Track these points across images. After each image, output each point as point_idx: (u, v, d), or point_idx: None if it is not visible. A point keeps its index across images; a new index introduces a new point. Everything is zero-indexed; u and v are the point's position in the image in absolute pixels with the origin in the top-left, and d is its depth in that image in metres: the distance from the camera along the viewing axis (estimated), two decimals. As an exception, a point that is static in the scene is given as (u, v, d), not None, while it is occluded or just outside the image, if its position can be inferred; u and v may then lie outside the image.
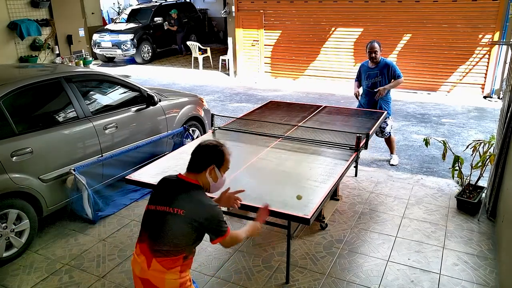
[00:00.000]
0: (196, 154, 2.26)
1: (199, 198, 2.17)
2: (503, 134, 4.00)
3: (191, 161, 2.26)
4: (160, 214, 2.15)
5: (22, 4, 11.00)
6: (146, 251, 2.15)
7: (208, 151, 2.25)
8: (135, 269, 2.21)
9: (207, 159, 2.24)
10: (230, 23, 11.60)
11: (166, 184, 2.27)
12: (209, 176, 2.25)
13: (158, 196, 2.23)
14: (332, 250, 3.73)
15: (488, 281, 3.31)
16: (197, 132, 5.72)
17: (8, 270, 3.54)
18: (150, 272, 2.13)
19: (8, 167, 3.52)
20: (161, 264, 2.11)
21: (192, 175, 2.24)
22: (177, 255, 2.13)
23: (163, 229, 2.12)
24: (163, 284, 2.13)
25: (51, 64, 10.00)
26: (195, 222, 2.11)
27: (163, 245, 2.11)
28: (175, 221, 2.11)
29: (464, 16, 8.98)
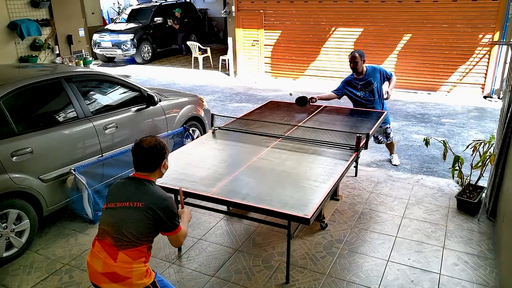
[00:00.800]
0: (145, 156, 2.39)
1: (155, 191, 2.36)
2: (503, 134, 4.00)
3: (141, 162, 2.40)
4: (121, 210, 2.30)
5: (22, 4, 11.01)
6: (109, 247, 2.26)
7: (155, 150, 2.40)
8: (96, 267, 2.29)
9: (158, 158, 2.41)
10: (230, 23, 11.60)
11: (122, 184, 2.44)
12: (163, 169, 2.47)
13: (115, 195, 2.39)
14: (332, 250, 3.73)
15: (488, 281, 3.31)
16: (197, 132, 5.72)
17: (8, 270, 3.54)
18: (117, 264, 2.24)
19: (8, 167, 3.52)
20: (128, 255, 2.25)
21: (145, 173, 2.41)
22: (142, 245, 2.29)
23: (126, 222, 2.26)
24: (131, 273, 2.25)
25: (51, 64, 10.00)
26: (152, 212, 2.28)
27: (127, 237, 2.25)
28: (136, 214, 2.27)
29: (464, 16, 8.98)
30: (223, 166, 3.72)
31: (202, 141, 4.42)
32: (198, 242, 3.90)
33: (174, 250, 3.77)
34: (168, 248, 3.81)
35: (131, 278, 2.25)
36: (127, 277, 2.25)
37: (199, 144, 4.31)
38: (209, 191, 3.17)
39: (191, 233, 4.03)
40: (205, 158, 3.89)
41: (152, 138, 2.45)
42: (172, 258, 3.67)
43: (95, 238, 2.36)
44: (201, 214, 4.35)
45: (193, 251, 3.77)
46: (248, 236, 3.98)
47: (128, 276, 2.25)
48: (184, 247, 3.81)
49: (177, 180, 3.37)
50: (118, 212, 2.30)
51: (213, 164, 3.73)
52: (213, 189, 3.20)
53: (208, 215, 4.32)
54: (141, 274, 2.29)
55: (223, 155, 4.04)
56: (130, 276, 2.25)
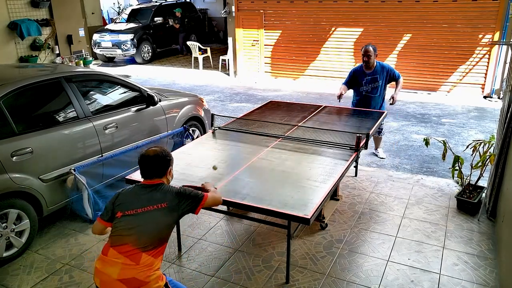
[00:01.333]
0: (152, 164, 2.50)
1: (171, 189, 2.50)
2: (503, 134, 4.00)
3: (149, 170, 2.51)
4: (145, 215, 2.37)
5: (22, 4, 11.00)
6: (130, 251, 2.29)
7: (161, 158, 2.52)
8: (110, 273, 2.28)
9: (165, 166, 2.54)
10: (230, 23, 11.60)
11: (134, 191, 2.50)
12: (169, 176, 2.60)
13: (131, 202, 2.43)
14: (332, 250, 3.73)
15: (488, 281, 3.31)
16: (197, 132, 5.72)
17: (8, 270, 3.54)
18: (139, 267, 2.27)
19: (8, 167, 3.52)
20: (152, 256, 2.32)
21: (155, 179, 2.52)
22: (163, 244, 2.41)
23: (151, 225, 2.35)
24: (149, 277, 2.29)
25: (51, 64, 9.99)
26: (177, 206, 2.42)
27: (151, 239, 2.33)
28: (162, 214, 2.38)
29: (464, 16, 8.98)
30: (223, 166, 3.72)
31: (202, 141, 4.42)
32: (198, 242, 3.90)
33: (174, 250, 3.77)
34: (168, 248, 3.81)
35: (149, 283, 2.29)
36: (146, 281, 2.27)
37: (199, 144, 4.31)
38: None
39: (191, 233, 4.03)
40: (205, 158, 3.89)
41: (157, 147, 2.58)
42: (172, 258, 3.67)
43: (107, 246, 2.36)
44: (201, 214, 4.33)
45: (193, 251, 3.77)
46: (248, 236, 3.98)
47: (147, 281, 2.28)
48: (184, 247, 3.81)
49: (177, 180, 3.37)
50: (141, 217, 2.36)
51: (213, 164, 3.72)
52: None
53: (208, 215, 4.32)
54: (158, 278, 2.34)
55: (223, 155, 4.04)
56: (149, 281, 2.28)
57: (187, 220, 4.26)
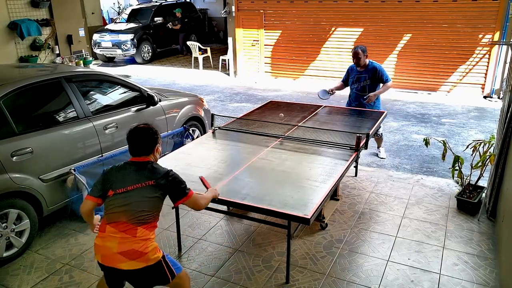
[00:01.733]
0: (139, 140, 2.57)
1: (158, 167, 2.58)
2: (503, 134, 4.00)
3: (137, 147, 2.58)
4: (134, 192, 2.47)
5: (22, 4, 11.00)
6: (126, 226, 2.42)
7: (149, 134, 2.59)
8: (110, 247, 2.41)
9: (152, 143, 2.60)
10: (230, 23, 11.60)
11: (122, 169, 2.57)
12: (156, 153, 2.66)
13: (121, 181, 2.51)
14: (332, 250, 3.73)
15: (488, 281, 3.31)
16: (197, 132, 5.72)
17: (8, 270, 3.54)
18: (136, 240, 2.41)
19: (8, 167, 3.53)
20: (146, 229, 2.46)
21: (142, 157, 2.59)
22: (155, 219, 2.54)
23: (142, 201, 2.46)
24: (147, 248, 2.44)
25: (51, 64, 9.99)
26: (164, 186, 2.51)
27: (144, 214, 2.45)
28: (150, 191, 2.48)
29: (464, 16, 8.98)
30: (223, 166, 3.72)
31: (202, 141, 4.42)
32: (198, 242, 3.90)
33: (174, 250, 3.77)
34: (168, 248, 3.81)
35: (147, 254, 2.42)
36: (144, 252, 2.41)
37: (199, 144, 4.32)
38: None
39: (191, 233, 4.03)
40: (205, 158, 3.89)
41: (145, 124, 2.65)
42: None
43: (103, 223, 2.48)
44: (201, 214, 4.35)
45: (193, 251, 3.77)
46: (248, 236, 3.98)
47: (145, 251, 2.42)
48: (184, 247, 3.81)
49: (177, 180, 3.37)
50: (131, 194, 2.46)
51: (213, 164, 3.73)
52: (213, 189, 3.20)
53: (208, 215, 4.32)
54: (155, 249, 2.48)
55: (223, 155, 4.04)
56: (147, 252, 2.42)
57: (187, 220, 4.26)
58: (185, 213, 4.36)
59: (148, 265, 2.44)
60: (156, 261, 2.47)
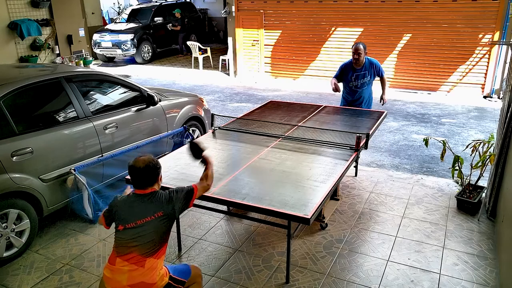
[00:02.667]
0: (142, 175, 2.55)
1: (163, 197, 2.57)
2: (503, 134, 4.00)
3: (140, 181, 2.56)
4: (143, 226, 2.48)
5: (22, 4, 11.01)
6: (135, 259, 2.44)
7: (151, 169, 2.57)
8: (119, 280, 2.43)
9: (155, 175, 2.59)
10: (230, 23, 11.60)
11: (130, 202, 2.57)
12: (160, 182, 2.67)
13: (129, 215, 2.52)
14: (332, 250, 3.73)
15: (488, 281, 3.31)
16: (197, 132, 5.73)
17: (8, 270, 3.55)
18: (145, 271, 2.43)
19: (9, 167, 3.53)
20: (156, 258, 2.48)
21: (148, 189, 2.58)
22: (164, 245, 2.56)
23: (151, 233, 2.47)
24: (156, 277, 2.47)
25: (51, 64, 9.99)
26: (172, 211, 2.54)
27: (154, 245, 2.48)
28: (159, 222, 2.50)
29: (464, 16, 8.98)
30: (223, 166, 3.72)
31: (202, 141, 4.41)
32: (198, 242, 3.90)
33: (174, 250, 3.77)
34: (168, 248, 3.80)
35: (156, 283, 2.47)
36: (153, 283, 2.46)
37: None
38: (209, 191, 3.17)
39: (191, 233, 4.03)
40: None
41: (145, 157, 2.62)
42: (172, 258, 3.67)
43: (113, 256, 2.49)
44: (201, 214, 4.35)
45: (193, 251, 3.77)
46: (248, 236, 3.98)
47: (154, 282, 2.46)
48: (184, 247, 3.81)
49: (177, 180, 3.37)
50: (141, 228, 2.47)
51: (213, 164, 3.72)
52: (213, 189, 3.20)
53: (208, 215, 4.32)
54: (163, 276, 2.53)
55: (223, 155, 4.04)
56: (155, 282, 2.47)
57: (187, 220, 4.26)
58: (185, 213, 4.36)
59: None
60: (164, 285, 2.53)
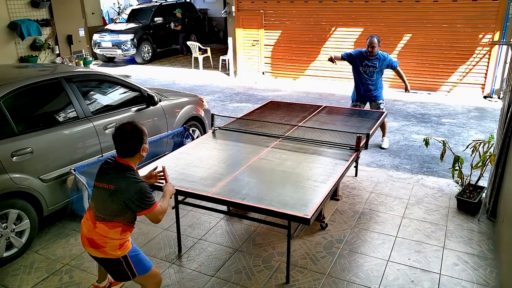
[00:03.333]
0: (125, 142, 2.59)
1: (128, 177, 2.57)
2: (503, 134, 4.00)
3: (122, 148, 2.61)
4: (100, 190, 2.63)
5: (22, 4, 11.01)
6: (91, 217, 2.63)
7: (134, 136, 2.59)
8: (83, 229, 2.68)
9: (138, 143, 2.61)
10: (230, 23, 11.60)
11: (107, 166, 2.69)
12: (143, 152, 2.66)
13: (101, 176, 2.67)
14: (332, 250, 3.73)
15: (488, 281, 3.31)
16: (197, 132, 5.72)
17: (8, 270, 3.54)
18: (95, 231, 2.59)
19: (9, 167, 3.52)
20: (106, 226, 2.57)
21: (126, 159, 2.63)
22: (114, 221, 2.58)
23: (101, 201, 2.61)
24: (106, 244, 2.58)
25: (51, 64, 9.98)
26: (121, 196, 2.53)
27: (101, 213, 2.60)
28: (109, 195, 2.57)
29: (464, 16, 8.98)
30: (223, 166, 3.72)
31: (202, 141, 4.42)
32: (198, 242, 3.90)
33: (174, 250, 3.77)
34: (168, 248, 3.81)
35: (105, 248, 2.59)
36: (102, 246, 2.59)
37: (199, 144, 4.32)
38: (209, 191, 3.18)
39: (191, 233, 4.03)
40: (205, 158, 3.89)
41: (131, 124, 2.63)
42: (172, 258, 3.67)
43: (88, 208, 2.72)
44: (201, 214, 4.35)
45: (193, 251, 3.77)
46: (248, 236, 3.98)
47: (103, 245, 2.59)
48: (184, 247, 3.81)
49: (177, 180, 3.37)
50: (99, 191, 2.63)
51: (213, 164, 3.73)
52: (213, 189, 3.20)
53: (208, 215, 4.32)
54: (115, 247, 2.60)
55: (223, 155, 4.04)
56: (104, 246, 2.59)
57: (187, 220, 4.26)
58: (185, 213, 4.36)
59: (107, 257, 2.62)
60: (114, 257, 2.61)
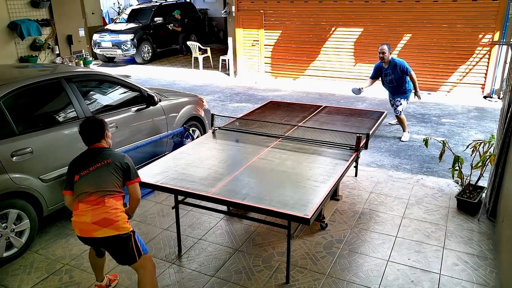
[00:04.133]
0: (89, 131, 2.94)
1: (113, 151, 2.98)
2: (503, 134, 4.00)
3: (89, 136, 2.94)
4: (96, 171, 2.82)
5: (22, 4, 11.00)
6: (95, 200, 2.74)
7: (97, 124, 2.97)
8: (85, 220, 2.72)
9: (101, 129, 2.97)
10: (230, 23, 11.60)
11: (83, 156, 2.92)
12: (108, 139, 3.03)
13: (82, 165, 2.85)
14: (332, 250, 3.73)
15: (488, 281, 3.31)
16: (197, 132, 5.72)
17: (8, 270, 3.55)
18: (106, 209, 2.72)
19: (9, 167, 3.52)
20: (114, 199, 2.78)
21: (96, 144, 2.95)
22: (117, 194, 2.83)
23: (104, 177, 2.81)
24: (118, 217, 2.75)
25: (51, 64, 9.98)
26: (119, 164, 2.87)
27: (109, 187, 2.79)
28: (109, 168, 2.84)
29: (464, 16, 8.98)
30: (223, 166, 3.72)
31: (202, 141, 4.42)
32: (198, 242, 3.90)
33: (174, 250, 3.77)
34: (168, 248, 3.81)
35: (118, 222, 2.73)
36: (115, 220, 2.72)
37: (199, 144, 4.31)
38: (209, 191, 3.18)
39: (191, 233, 4.03)
40: (205, 158, 3.89)
41: (91, 117, 3.09)
42: (172, 258, 3.67)
43: (76, 204, 2.78)
44: (201, 214, 4.35)
45: (193, 251, 3.77)
46: (248, 236, 3.98)
47: (116, 219, 2.72)
48: (184, 247, 3.81)
49: (177, 180, 3.37)
50: (94, 174, 2.81)
51: (213, 164, 3.73)
52: (213, 189, 3.20)
53: (208, 215, 4.32)
54: (124, 219, 2.79)
55: (223, 155, 4.04)
56: (117, 220, 2.73)
57: (187, 220, 4.26)
58: (185, 213, 4.36)
59: (119, 233, 2.73)
60: (126, 231, 2.76)
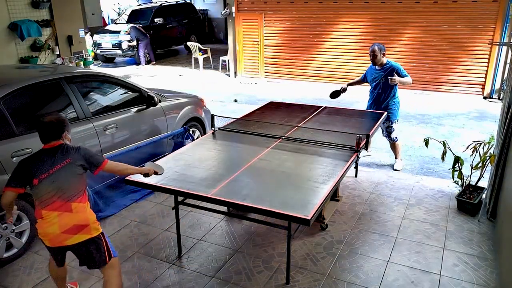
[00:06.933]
0: (47, 129, 2.75)
1: (69, 147, 2.79)
2: (503, 134, 4.00)
3: (46, 134, 2.75)
4: (56, 173, 2.68)
5: (23, 5, 11.00)
6: (59, 205, 2.64)
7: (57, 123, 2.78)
8: (53, 230, 2.62)
9: (60, 129, 2.78)
10: (230, 23, 11.61)
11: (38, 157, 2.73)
12: (65, 139, 2.84)
13: (40, 167, 2.68)
14: (332, 250, 3.73)
15: (488, 281, 3.31)
16: (197, 132, 5.72)
17: (8, 270, 3.55)
18: (74, 214, 2.65)
19: (9, 167, 3.52)
20: (79, 202, 2.70)
21: (53, 142, 2.76)
22: (83, 192, 2.76)
23: (66, 179, 2.69)
24: (87, 219, 2.70)
25: (52, 65, 10.01)
26: (79, 161, 2.74)
27: (73, 189, 2.69)
28: (70, 169, 2.71)
29: (464, 16, 8.97)
30: (223, 167, 3.72)
31: (202, 142, 4.42)
32: (198, 243, 3.90)
33: (174, 251, 3.77)
34: (168, 248, 3.81)
35: (89, 225, 2.69)
36: (86, 224, 2.68)
37: (199, 145, 4.31)
38: (209, 192, 3.18)
39: (191, 234, 4.03)
40: (205, 159, 3.89)
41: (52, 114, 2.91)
42: (172, 259, 3.67)
43: (39, 210, 2.66)
44: (201, 215, 4.35)
45: (193, 252, 3.77)
46: (248, 236, 3.98)
47: (87, 223, 2.68)
48: (184, 248, 3.81)
49: (177, 180, 3.37)
50: (54, 176, 2.67)
51: (213, 165, 3.73)
52: (213, 190, 3.20)
53: (208, 216, 4.32)
54: (94, 221, 2.74)
55: (223, 156, 4.04)
56: (88, 223, 2.69)
57: (187, 221, 4.26)
58: (185, 214, 4.36)
59: (92, 236, 2.69)
60: (98, 232, 2.73)
